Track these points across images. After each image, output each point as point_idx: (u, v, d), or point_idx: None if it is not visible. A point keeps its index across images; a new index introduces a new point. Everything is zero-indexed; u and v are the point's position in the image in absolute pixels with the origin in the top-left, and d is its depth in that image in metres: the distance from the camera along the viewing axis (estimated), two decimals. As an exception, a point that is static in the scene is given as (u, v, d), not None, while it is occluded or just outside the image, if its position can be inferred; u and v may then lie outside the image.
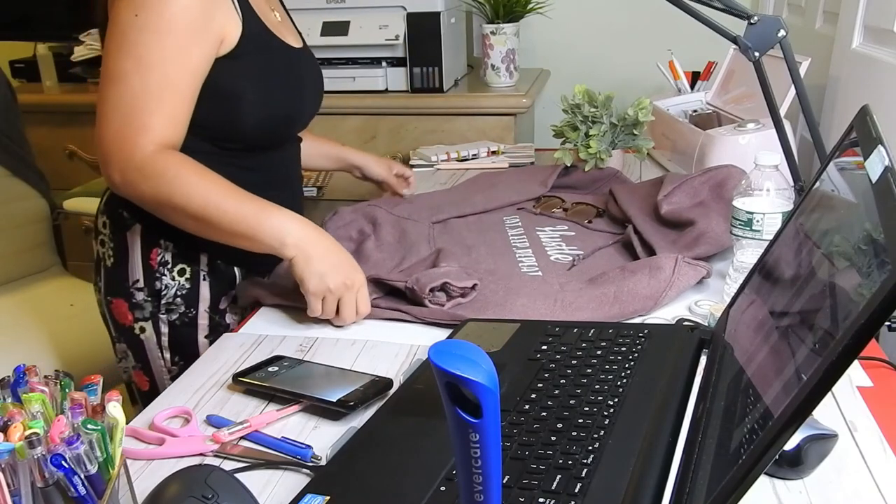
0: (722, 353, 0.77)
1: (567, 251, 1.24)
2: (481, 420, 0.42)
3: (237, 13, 1.06)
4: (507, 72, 2.19)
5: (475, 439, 0.43)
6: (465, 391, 0.41)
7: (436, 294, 1.04)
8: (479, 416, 0.42)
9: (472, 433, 0.43)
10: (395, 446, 0.73)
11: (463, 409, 0.42)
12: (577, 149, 1.51)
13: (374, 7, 2.09)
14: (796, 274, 0.69)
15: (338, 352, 0.97)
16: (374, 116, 2.15)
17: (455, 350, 0.41)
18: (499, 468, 0.45)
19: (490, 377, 0.41)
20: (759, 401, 0.54)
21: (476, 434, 0.43)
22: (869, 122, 0.62)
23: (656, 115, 1.65)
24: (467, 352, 0.41)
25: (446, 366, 0.40)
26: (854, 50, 1.51)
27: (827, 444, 0.69)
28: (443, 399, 0.42)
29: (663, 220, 1.26)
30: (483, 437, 0.43)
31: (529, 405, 0.75)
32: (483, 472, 0.45)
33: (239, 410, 0.85)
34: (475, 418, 0.42)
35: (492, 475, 0.45)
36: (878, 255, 0.47)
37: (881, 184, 0.52)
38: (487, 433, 0.43)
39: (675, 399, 0.75)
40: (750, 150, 1.35)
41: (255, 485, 0.70)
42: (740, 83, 1.69)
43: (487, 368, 0.41)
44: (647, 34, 2.37)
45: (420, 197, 1.52)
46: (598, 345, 0.86)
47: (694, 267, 1.05)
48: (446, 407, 0.43)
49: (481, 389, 0.41)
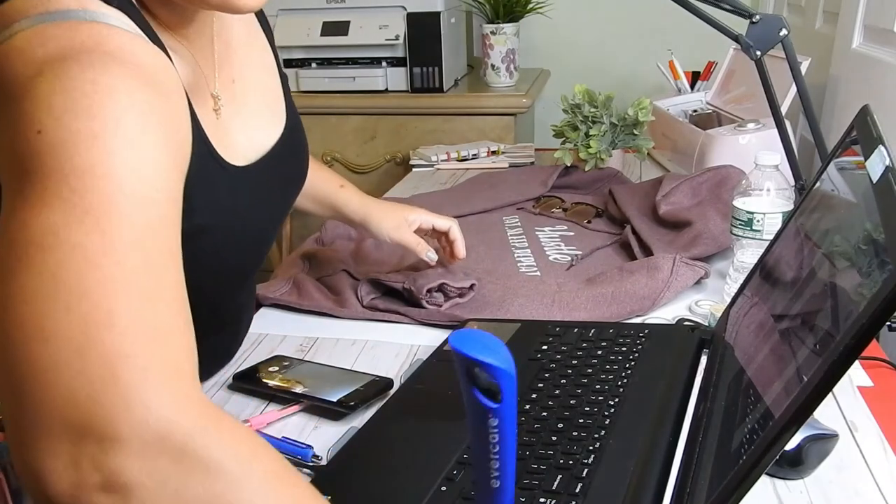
0: (722, 353, 0.77)
1: (566, 251, 1.24)
2: (500, 405, 0.43)
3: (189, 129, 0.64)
4: (507, 72, 2.19)
5: (494, 424, 0.44)
6: (483, 377, 0.42)
7: (433, 295, 1.03)
8: (499, 402, 0.43)
9: (491, 418, 0.43)
10: (395, 446, 0.73)
11: (481, 395, 0.43)
12: (577, 149, 1.51)
13: (374, 7, 2.09)
14: (797, 274, 0.69)
15: (338, 352, 0.97)
16: (374, 116, 2.15)
17: (474, 337, 0.42)
18: (514, 454, 0.46)
19: (509, 363, 0.42)
20: (759, 401, 0.54)
21: (495, 419, 0.44)
22: (869, 121, 0.62)
23: (656, 115, 1.65)
24: (486, 339, 0.42)
25: (467, 351, 0.41)
26: (854, 50, 1.51)
27: (827, 443, 0.69)
28: (462, 385, 0.43)
29: (661, 220, 1.26)
30: (501, 423, 0.44)
31: (530, 405, 0.75)
32: (500, 458, 0.45)
33: (239, 410, 0.84)
34: (494, 403, 0.43)
35: (508, 461, 0.46)
36: (879, 255, 0.47)
37: (882, 184, 0.52)
38: (506, 418, 0.44)
39: (676, 399, 0.75)
40: (750, 149, 1.35)
41: (255, 485, 0.70)
42: (740, 83, 1.69)
43: (506, 355, 0.42)
44: (647, 34, 2.37)
45: (420, 197, 1.53)
46: (599, 345, 0.86)
47: (692, 267, 1.05)
48: (465, 392, 0.43)
49: (501, 374, 0.42)
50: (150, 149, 0.53)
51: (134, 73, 0.55)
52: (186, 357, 0.49)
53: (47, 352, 0.44)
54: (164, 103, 0.56)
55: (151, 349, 0.46)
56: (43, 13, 0.56)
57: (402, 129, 2.14)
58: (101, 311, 0.46)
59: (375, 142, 2.17)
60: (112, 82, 0.53)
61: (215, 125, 0.74)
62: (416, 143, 2.06)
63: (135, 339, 0.46)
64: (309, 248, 1.25)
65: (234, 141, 0.76)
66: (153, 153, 0.53)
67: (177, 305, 0.50)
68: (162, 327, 0.48)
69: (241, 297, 0.92)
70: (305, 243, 1.28)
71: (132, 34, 0.59)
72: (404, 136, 2.14)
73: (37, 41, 0.55)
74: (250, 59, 0.82)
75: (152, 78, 0.57)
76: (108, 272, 0.47)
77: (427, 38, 2.07)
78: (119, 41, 0.57)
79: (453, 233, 1.06)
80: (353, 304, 1.05)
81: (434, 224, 1.07)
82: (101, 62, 0.54)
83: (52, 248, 0.47)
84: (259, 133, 0.81)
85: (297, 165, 0.89)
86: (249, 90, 0.81)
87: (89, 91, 0.52)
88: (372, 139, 2.17)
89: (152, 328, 0.47)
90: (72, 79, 0.52)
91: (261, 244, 0.86)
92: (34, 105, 0.51)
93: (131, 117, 0.52)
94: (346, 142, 2.19)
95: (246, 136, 0.78)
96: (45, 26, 0.55)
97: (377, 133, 2.17)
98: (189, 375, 0.48)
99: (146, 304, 0.47)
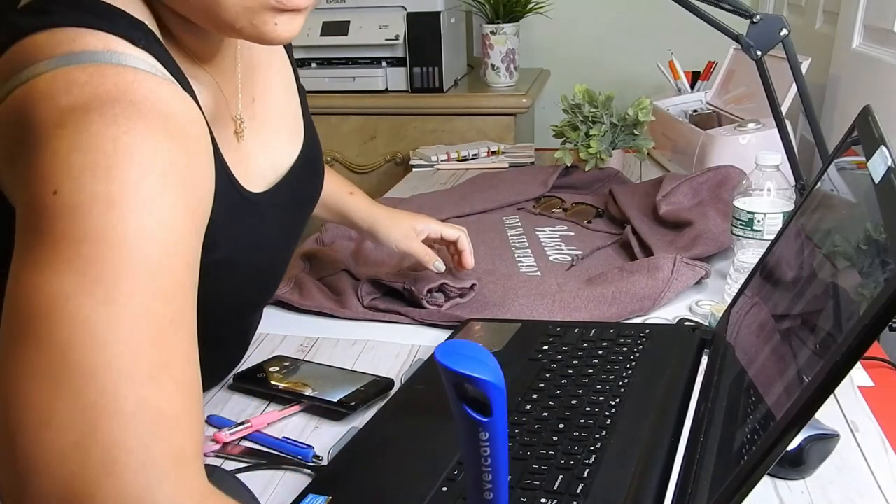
0: (723, 353, 0.77)
1: (566, 251, 1.24)
2: (491, 418, 0.42)
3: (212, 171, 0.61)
4: (507, 72, 2.19)
5: (485, 438, 0.43)
6: (472, 390, 0.41)
7: (434, 295, 1.03)
8: (489, 415, 0.42)
9: (482, 432, 0.43)
10: (396, 446, 0.73)
11: (470, 408, 0.42)
12: (578, 149, 1.51)
13: (374, 7, 2.09)
14: (797, 274, 0.69)
15: (339, 352, 0.96)
16: (374, 116, 2.14)
17: (461, 350, 0.41)
18: (506, 466, 0.46)
19: (497, 375, 0.42)
20: (761, 402, 0.54)
21: (486, 432, 0.43)
22: (871, 122, 0.62)
23: (656, 115, 1.65)
24: (473, 351, 0.42)
25: (454, 366, 0.41)
26: (854, 50, 1.51)
27: (828, 444, 0.69)
28: (450, 399, 0.43)
29: (662, 220, 1.26)
30: (493, 435, 0.43)
31: (531, 405, 0.75)
32: (492, 470, 0.45)
33: (240, 411, 0.84)
34: (484, 417, 0.42)
35: (501, 473, 0.45)
36: (880, 255, 0.47)
37: (884, 184, 0.52)
38: (497, 431, 0.43)
39: (677, 399, 0.75)
40: (750, 149, 1.35)
41: (256, 485, 0.70)
42: (740, 83, 1.69)
43: (494, 367, 0.42)
44: (647, 34, 2.37)
45: (420, 197, 1.53)
46: (600, 345, 0.86)
47: (692, 267, 1.05)
48: (454, 407, 0.43)
49: (490, 387, 0.41)
50: (167, 212, 0.51)
51: (158, 127, 0.53)
52: (190, 438, 0.48)
53: (49, 437, 0.44)
54: (188, 158, 0.55)
55: (154, 439, 0.45)
56: (68, 54, 0.54)
57: (402, 129, 2.14)
58: (106, 398, 0.45)
59: (375, 142, 2.17)
60: (133, 141, 0.51)
61: (236, 149, 0.73)
62: (416, 143, 2.06)
63: (137, 429, 0.45)
64: (309, 248, 1.25)
65: (254, 164, 0.75)
66: (171, 217, 0.51)
67: (186, 378, 0.49)
68: (168, 410, 0.47)
69: (253, 317, 0.91)
70: (306, 243, 1.28)
71: (159, 78, 0.57)
72: (404, 136, 2.14)
73: (61, 86, 0.52)
74: (271, 76, 0.81)
75: (177, 129, 0.55)
76: (116, 351, 0.46)
77: (427, 38, 2.07)
78: (145, 89, 0.55)
79: (462, 243, 1.05)
80: (353, 305, 1.05)
81: (442, 233, 1.05)
82: (124, 116, 0.52)
83: (59, 322, 0.46)
84: (279, 153, 0.80)
85: (314, 184, 0.88)
86: (269, 108, 0.80)
87: (110, 151, 0.50)
88: (372, 139, 2.17)
89: (157, 413, 0.46)
90: (93, 135, 0.50)
91: (277, 269, 0.85)
92: (53, 161, 0.50)
93: (151, 178, 0.51)
94: (346, 142, 2.18)
95: (266, 157, 0.78)
96: (70, 70, 0.53)
97: (377, 133, 2.16)
98: (192, 460, 0.47)
99: (153, 384, 0.47)
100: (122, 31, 0.57)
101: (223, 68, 0.72)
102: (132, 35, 0.58)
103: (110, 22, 0.57)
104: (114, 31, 0.57)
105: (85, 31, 0.56)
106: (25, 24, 0.56)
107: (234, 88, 0.74)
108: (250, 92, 0.77)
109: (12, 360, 0.46)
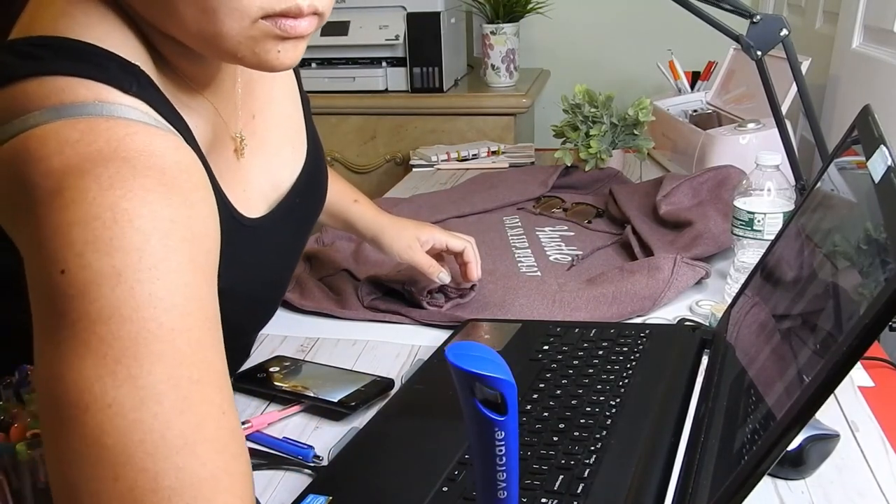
0: (724, 353, 0.77)
1: (566, 251, 1.24)
2: (506, 417, 0.42)
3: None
4: (507, 72, 2.19)
5: (500, 437, 0.43)
6: (485, 390, 0.41)
7: (434, 295, 1.03)
8: (504, 413, 0.42)
9: (497, 431, 0.43)
10: (396, 446, 0.73)
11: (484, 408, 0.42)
12: (578, 149, 1.51)
13: (374, 7, 2.09)
14: (798, 274, 0.69)
15: (339, 352, 0.96)
16: (374, 116, 2.15)
17: (470, 351, 0.41)
18: (517, 463, 0.46)
19: (509, 373, 0.42)
20: (761, 402, 0.54)
21: (501, 431, 0.43)
22: (871, 122, 0.62)
23: (656, 115, 1.65)
24: (481, 351, 0.42)
25: (468, 367, 0.41)
26: (854, 50, 1.51)
27: (829, 444, 0.69)
28: (462, 401, 0.42)
29: (662, 220, 1.26)
30: (507, 434, 0.43)
31: (531, 405, 0.75)
32: (507, 469, 0.45)
33: (240, 411, 0.84)
34: (499, 416, 0.42)
35: (513, 470, 0.45)
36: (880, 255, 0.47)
37: (884, 184, 0.52)
38: (511, 429, 0.43)
39: (677, 399, 0.75)
40: (750, 149, 1.35)
41: (256, 485, 0.70)
42: (740, 83, 1.69)
43: (504, 365, 0.42)
44: (647, 34, 2.37)
45: (420, 197, 1.53)
46: (600, 345, 0.86)
47: (693, 267, 1.05)
48: (467, 408, 0.42)
49: (505, 386, 0.41)
50: (175, 274, 0.51)
51: (154, 185, 0.52)
52: (232, 493, 0.49)
53: None
54: (188, 210, 0.54)
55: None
56: (58, 105, 0.53)
57: (402, 129, 2.15)
58: (146, 476, 0.46)
59: (375, 142, 2.17)
60: (132, 206, 0.50)
61: (236, 169, 0.72)
62: (416, 143, 2.06)
63: (180, 501, 0.46)
64: (309, 248, 1.25)
65: (255, 184, 0.75)
66: (179, 278, 0.51)
67: (220, 432, 0.50)
68: (205, 473, 0.48)
69: (255, 334, 0.91)
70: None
71: (152, 128, 0.56)
72: (404, 136, 2.15)
73: (53, 147, 0.52)
74: (272, 88, 0.79)
75: (173, 182, 0.54)
76: (146, 427, 0.47)
77: (427, 38, 2.07)
78: (138, 143, 0.54)
79: (468, 254, 1.03)
80: (353, 305, 1.06)
81: (448, 244, 1.03)
82: (119, 176, 0.51)
83: (88, 409, 0.47)
84: (281, 169, 0.79)
85: (316, 201, 0.87)
86: (271, 123, 0.79)
87: (109, 221, 0.49)
88: (372, 139, 2.17)
89: (196, 479, 0.47)
90: (90, 204, 0.50)
91: (278, 290, 0.85)
92: (55, 238, 0.49)
93: (153, 242, 0.50)
94: (346, 142, 2.18)
95: (267, 176, 0.77)
96: (61, 125, 0.52)
97: (377, 133, 2.17)
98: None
99: (187, 451, 0.47)
100: (112, 77, 0.56)
101: (222, 90, 0.71)
102: (122, 81, 0.57)
103: (99, 68, 0.56)
104: (103, 78, 0.56)
105: (74, 81, 0.55)
106: (15, 68, 0.55)
107: (234, 106, 0.73)
108: (250, 108, 0.76)
109: (55, 447, 0.48)
